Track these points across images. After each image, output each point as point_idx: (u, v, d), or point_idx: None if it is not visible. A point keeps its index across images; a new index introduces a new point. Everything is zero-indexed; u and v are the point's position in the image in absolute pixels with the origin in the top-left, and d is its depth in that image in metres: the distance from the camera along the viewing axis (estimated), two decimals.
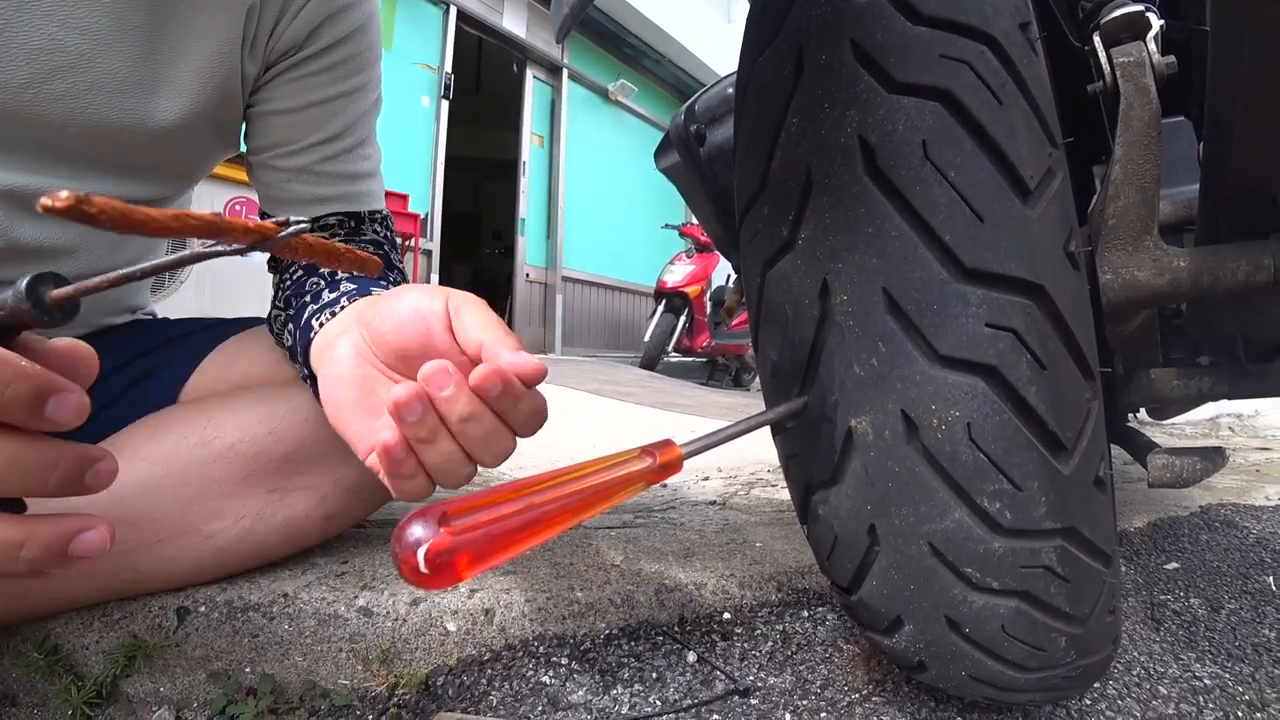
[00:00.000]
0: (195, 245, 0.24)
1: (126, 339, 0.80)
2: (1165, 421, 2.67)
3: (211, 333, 0.82)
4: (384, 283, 0.68)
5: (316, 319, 0.61)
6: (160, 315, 0.95)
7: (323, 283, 0.68)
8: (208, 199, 3.42)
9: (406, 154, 5.44)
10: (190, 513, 0.66)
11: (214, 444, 0.67)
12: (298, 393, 0.71)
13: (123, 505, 0.62)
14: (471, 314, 0.44)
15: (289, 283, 0.73)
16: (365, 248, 0.76)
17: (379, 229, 0.81)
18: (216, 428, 0.68)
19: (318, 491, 0.72)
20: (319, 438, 0.70)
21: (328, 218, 0.76)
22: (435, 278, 5.56)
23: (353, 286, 0.64)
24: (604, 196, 7.46)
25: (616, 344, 7.60)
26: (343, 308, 0.60)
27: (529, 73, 6.70)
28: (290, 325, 0.67)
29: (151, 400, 0.75)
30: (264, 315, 0.82)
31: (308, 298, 0.66)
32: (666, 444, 0.26)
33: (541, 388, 0.41)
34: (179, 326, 0.84)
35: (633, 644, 0.79)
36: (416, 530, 0.21)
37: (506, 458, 0.40)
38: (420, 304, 0.46)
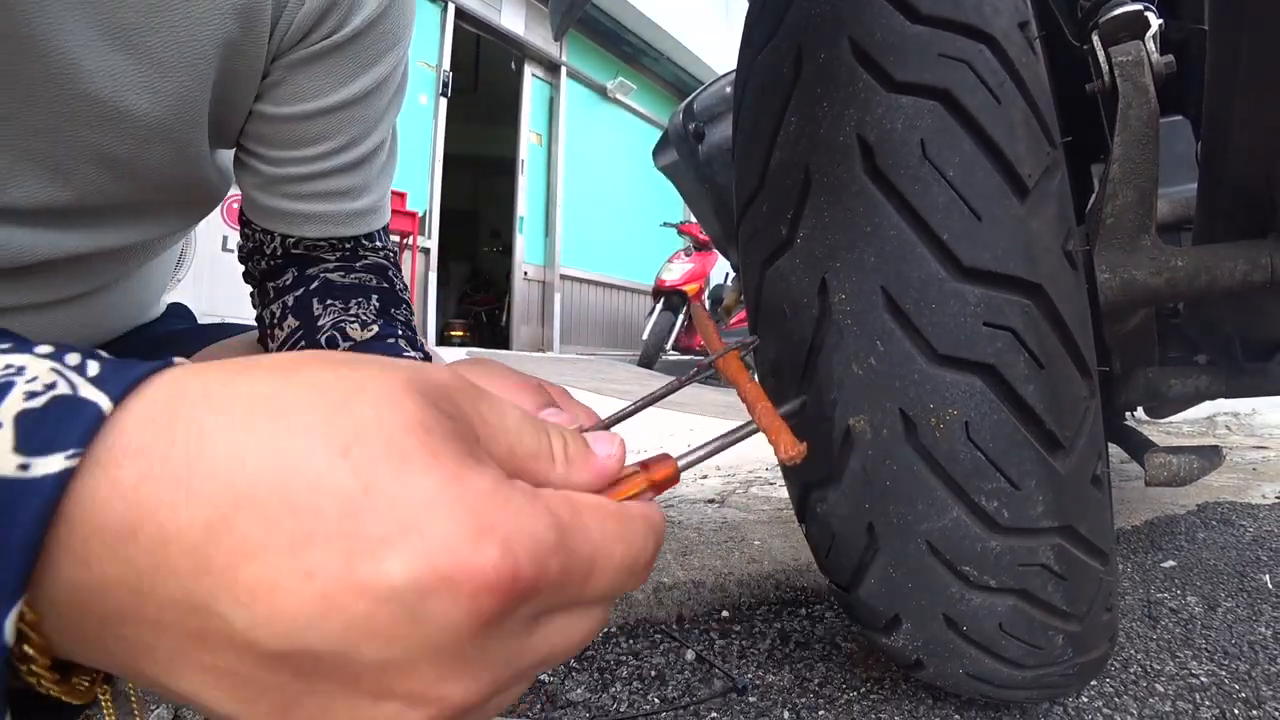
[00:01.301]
0: (192, 243, 0.24)
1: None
2: (1162, 420, 2.68)
3: (182, 345, 0.71)
4: (398, 330, 0.61)
5: None
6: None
7: (328, 319, 0.60)
8: None
9: (404, 152, 5.37)
10: None
11: None
12: None
13: None
14: None
15: (290, 301, 0.64)
16: (364, 278, 0.66)
17: (379, 252, 0.69)
18: None
19: None
20: None
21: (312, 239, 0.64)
22: (433, 276, 5.55)
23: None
24: (602, 194, 7.46)
25: (614, 342, 7.60)
26: None
27: (527, 70, 6.69)
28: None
29: None
30: (242, 322, 0.72)
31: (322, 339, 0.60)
32: (663, 459, 0.26)
33: None
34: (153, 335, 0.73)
35: (631, 642, 0.79)
36: None
37: None
38: None
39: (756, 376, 0.55)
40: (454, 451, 0.19)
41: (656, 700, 0.69)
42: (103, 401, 0.16)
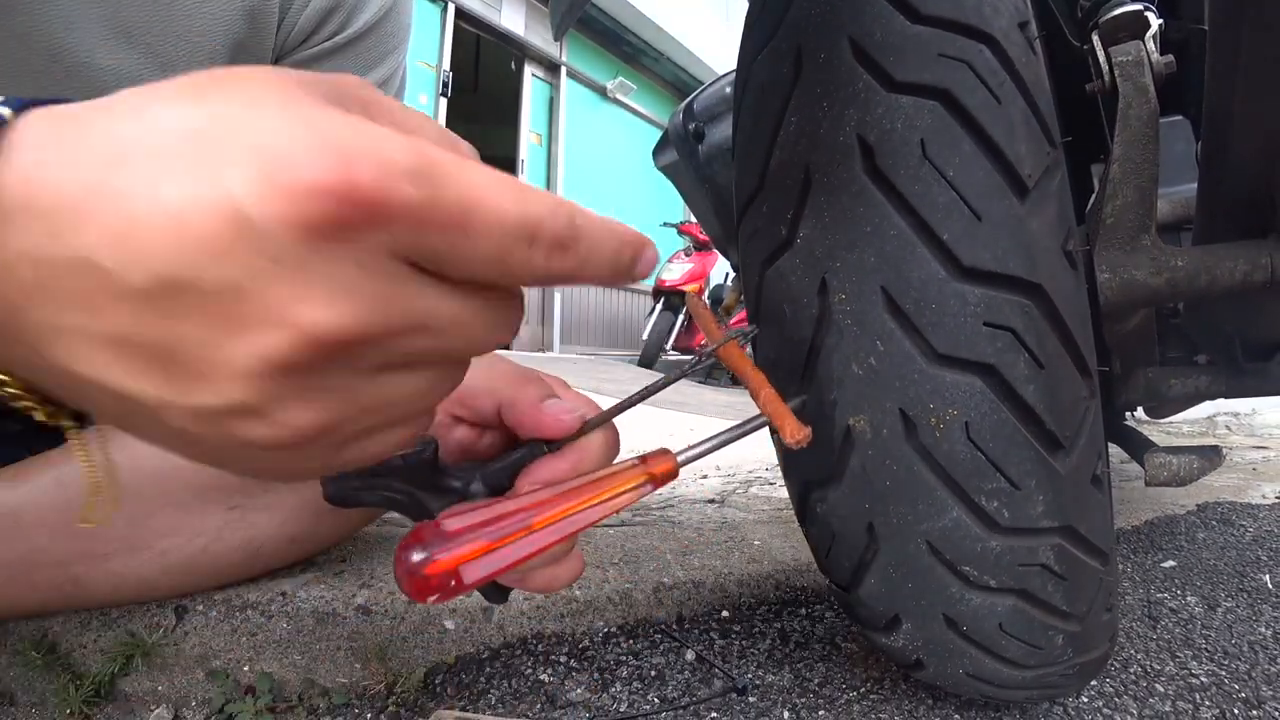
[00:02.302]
0: None
1: None
2: (1162, 420, 2.68)
3: None
4: None
5: None
6: None
7: None
8: None
9: None
10: (143, 528, 0.61)
11: (172, 455, 0.59)
12: None
13: (68, 513, 0.57)
14: None
15: None
16: None
17: None
18: None
19: (280, 512, 0.66)
20: None
21: None
22: None
23: None
24: (602, 194, 7.46)
25: (614, 342, 7.60)
26: None
27: (527, 70, 6.69)
28: None
29: None
30: None
31: None
32: (663, 453, 0.26)
33: None
34: None
35: (631, 642, 0.79)
36: (418, 549, 0.21)
37: None
38: None
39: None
40: (320, 95, 0.19)
41: (656, 700, 0.69)
42: (4, 111, 0.18)
